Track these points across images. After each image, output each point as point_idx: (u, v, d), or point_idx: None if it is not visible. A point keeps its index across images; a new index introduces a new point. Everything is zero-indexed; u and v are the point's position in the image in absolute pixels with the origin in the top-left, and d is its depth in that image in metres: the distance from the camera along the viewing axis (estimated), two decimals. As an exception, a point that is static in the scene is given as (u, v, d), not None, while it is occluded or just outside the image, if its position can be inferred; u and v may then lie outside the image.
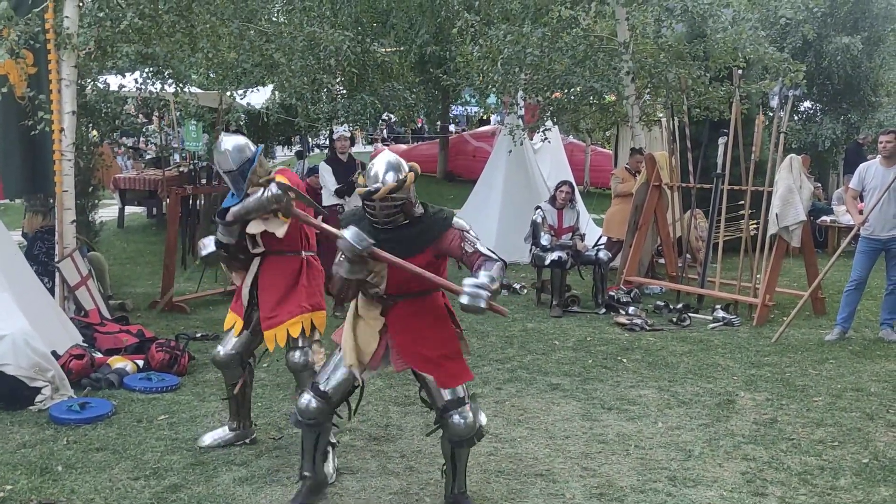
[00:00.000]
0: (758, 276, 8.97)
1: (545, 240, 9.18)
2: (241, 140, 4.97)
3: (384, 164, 3.96)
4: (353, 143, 10.47)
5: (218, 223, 4.85)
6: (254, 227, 4.80)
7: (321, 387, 4.21)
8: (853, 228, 8.14)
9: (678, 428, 5.63)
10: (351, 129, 10.75)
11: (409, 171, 3.98)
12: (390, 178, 3.91)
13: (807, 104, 18.08)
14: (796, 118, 17.21)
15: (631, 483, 4.73)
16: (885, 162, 7.83)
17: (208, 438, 5.22)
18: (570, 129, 14.78)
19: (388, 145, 29.74)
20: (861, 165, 8.24)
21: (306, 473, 4.34)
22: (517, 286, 10.07)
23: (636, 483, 4.73)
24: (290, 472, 4.78)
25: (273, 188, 4.42)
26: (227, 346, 5.12)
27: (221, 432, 5.26)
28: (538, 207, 9.49)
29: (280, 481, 4.68)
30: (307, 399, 4.22)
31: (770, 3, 11.58)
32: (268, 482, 4.67)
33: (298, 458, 4.70)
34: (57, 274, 7.47)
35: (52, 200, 7.67)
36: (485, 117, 25.42)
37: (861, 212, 7.93)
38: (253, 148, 4.98)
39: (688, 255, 10.36)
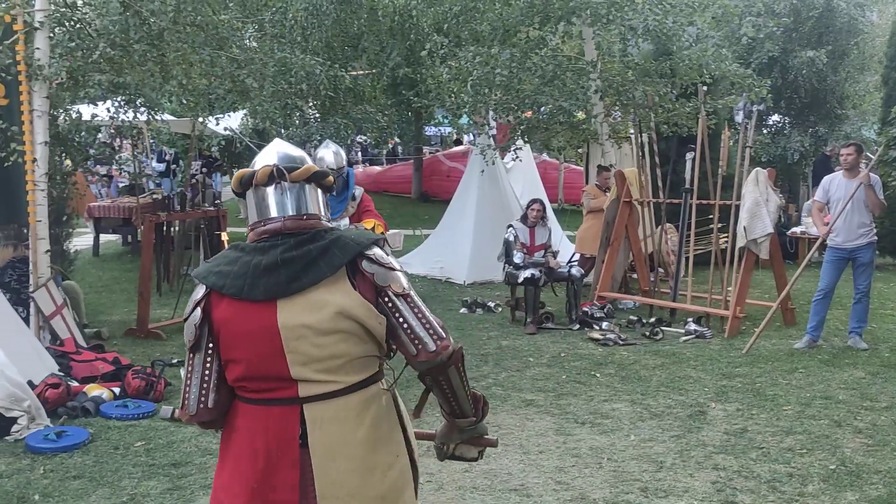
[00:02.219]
0: (729, 288, 9.12)
1: (518, 258, 9.28)
2: (334, 146, 5.47)
3: None
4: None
5: None
6: None
7: None
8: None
9: (650, 440, 5.73)
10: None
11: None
12: None
13: (775, 118, 18.36)
14: (765, 132, 17.47)
15: (603, 495, 4.82)
16: (847, 174, 8.02)
17: None
18: (542, 148, 14.94)
19: (364, 166, 29.89)
20: (825, 178, 8.44)
21: None
22: (491, 304, 10.16)
23: (608, 495, 4.82)
24: (267, 494, 4.82)
25: None
26: None
27: None
28: (510, 226, 9.60)
29: None
30: None
31: (733, 21, 11.81)
32: None
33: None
34: (32, 304, 7.48)
35: (25, 230, 7.68)
36: (457, 137, 25.58)
37: (826, 223, 8.10)
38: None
39: (660, 269, 10.51)
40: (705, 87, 9.79)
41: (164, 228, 9.70)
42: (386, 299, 2.53)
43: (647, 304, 9.92)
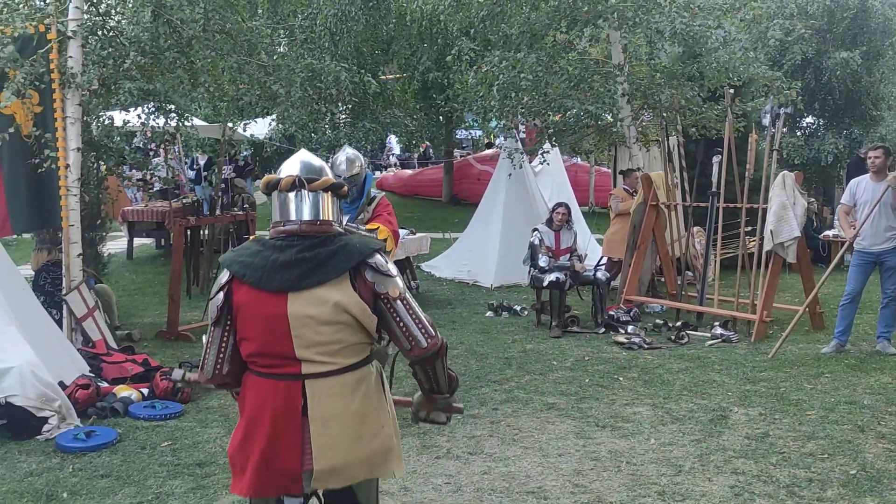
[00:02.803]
0: (756, 292, 9.07)
1: (543, 261, 9.30)
2: (350, 152, 5.62)
3: None
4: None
5: None
6: None
7: None
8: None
9: (670, 444, 5.73)
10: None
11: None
12: None
13: (809, 119, 18.18)
14: (799, 134, 17.32)
15: (620, 498, 4.84)
16: (875, 177, 7.95)
17: None
18: (571, 151, 14.93)
19: (396, 170, 30.03)
20: (852, 181, 8.36)
21: None
22: (517, 308, 10.19)
23: (626, 498, 4.84)
24: (288, 494, 4.91)
25: None
26: None
27: None
28: (535, 229, 9.63)
29: (276, 503, 4.80)
30: None
31: (761, 24, 11.73)
32: None
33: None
34: (64, 306, 7.66)
35: (60, 234, 7.86)
36: (489, 141, 25.60)
37: (854, 226, 8.03)
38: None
39: (689, 273, 10.47)
40: (732, 90, 9.74)
41: (195, 232, 9.84)
42: (385, 302, 3.04)
43: (673, 308, 9.89)
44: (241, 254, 3.13)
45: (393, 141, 25.69)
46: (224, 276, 3.11)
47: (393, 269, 3.08)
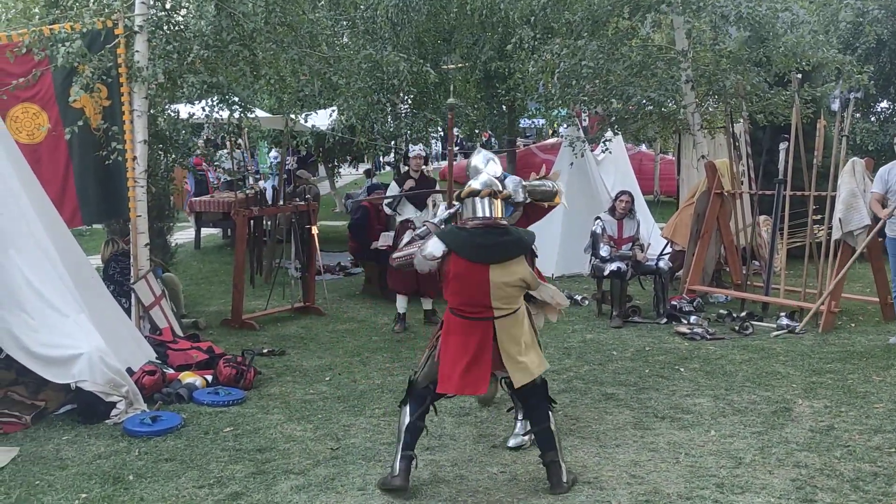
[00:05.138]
0: (824, 282, 8.84)
1: (604, 250, 9.22)
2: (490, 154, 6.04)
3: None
4: (426, 161, 10.71)
5: None
6: None
7: None
8: None
9: (731, 436, 5.64)
10: (424, 148, 10.97)
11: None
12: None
13: (884, 104, 17.61)
14: (873, 119, 16.78)
15: (678, 490, 4.79)
16: None
17: (514, 440, 5.59)
18: (633, 139, 14.71)
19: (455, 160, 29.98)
20: (882, 169, 8.08)
21: None
22: (578, 297, 10.10)
23: (683, 490, 4.78)
24: (346, 480, 4.99)
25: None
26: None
27: (519, 427, 5.62)
28: (597, 218, 9.54)
29: (335, 489, 4.88)
30: None
31: (831, 5, 11.36)
32: (323, 489, 4.88)
33: (353, 468, 4.96)
34: (133, 295, 7.86)
35: (128, 225, 8.07)
36: (553, 130, 25.41)
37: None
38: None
39: (755, 262, 10.25)
40: (799, 75, 9.49)
41: (258, 222, 10.00)
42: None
43: (738, 299, 9.71)
44: (450, 234, 4.83)
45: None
46: (439, 249, 4.76)
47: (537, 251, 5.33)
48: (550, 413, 4.95)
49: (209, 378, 6.90)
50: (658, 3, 10.12)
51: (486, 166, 5.69)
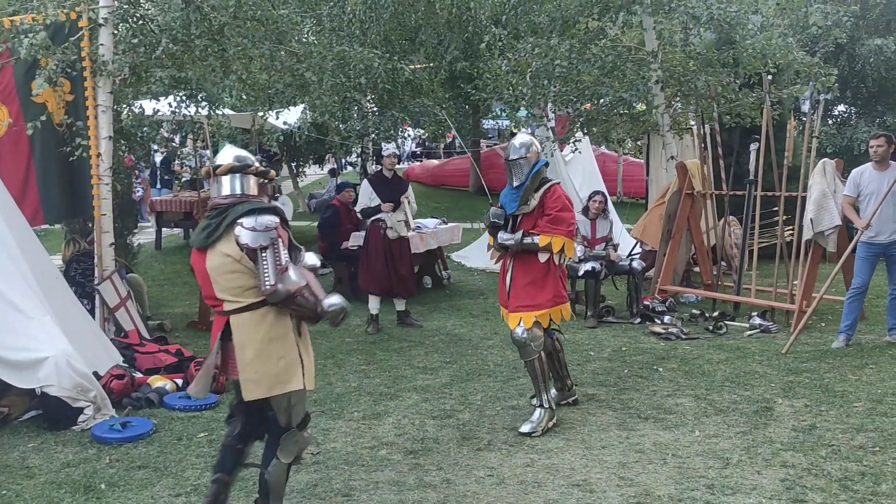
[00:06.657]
0: (794, 282, 8.89)
1: (578, 251, 9.17)
2: (527, 138, 6.10)
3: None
4: (399, 161, 10.57)
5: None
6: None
7: None
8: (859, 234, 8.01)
9: (716, 436, 5.60)
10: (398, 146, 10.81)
11: None
12: None
13: (841, 108, 17.88)
14: (830, 122, 17.02)
15: (668, 492, 4.71)
16: (878, 166, 7.75)
17: (527, 426, 5.64)
18: (601, 140, 14.74)
19: (419, 161, 29.89)
20: (854, 171, 8.07)
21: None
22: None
23: (674, 492, 4.71)
24: (328, 486, 4.84)
25: None
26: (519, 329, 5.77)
27: (537, 416, 5.70)
28: (570, 218, 9.47)
29: (318, 495, 4.73)
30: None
31: (800, 10, 11.47)
32: (306, 496, 4.73)
33: (335, 473, 4.81)
34: (97, 296, 7.61)
35: (90, 224, 7.81)
36: (515, 131, 25.44)
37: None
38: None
39: (723, 263, 10.29)
40: (770, 77, 9.54)
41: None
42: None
43: (709, 298, 9.72)
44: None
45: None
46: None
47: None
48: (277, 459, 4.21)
49: (179, 382, 6.70)
50: (629, 3, 10.12)
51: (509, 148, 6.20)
